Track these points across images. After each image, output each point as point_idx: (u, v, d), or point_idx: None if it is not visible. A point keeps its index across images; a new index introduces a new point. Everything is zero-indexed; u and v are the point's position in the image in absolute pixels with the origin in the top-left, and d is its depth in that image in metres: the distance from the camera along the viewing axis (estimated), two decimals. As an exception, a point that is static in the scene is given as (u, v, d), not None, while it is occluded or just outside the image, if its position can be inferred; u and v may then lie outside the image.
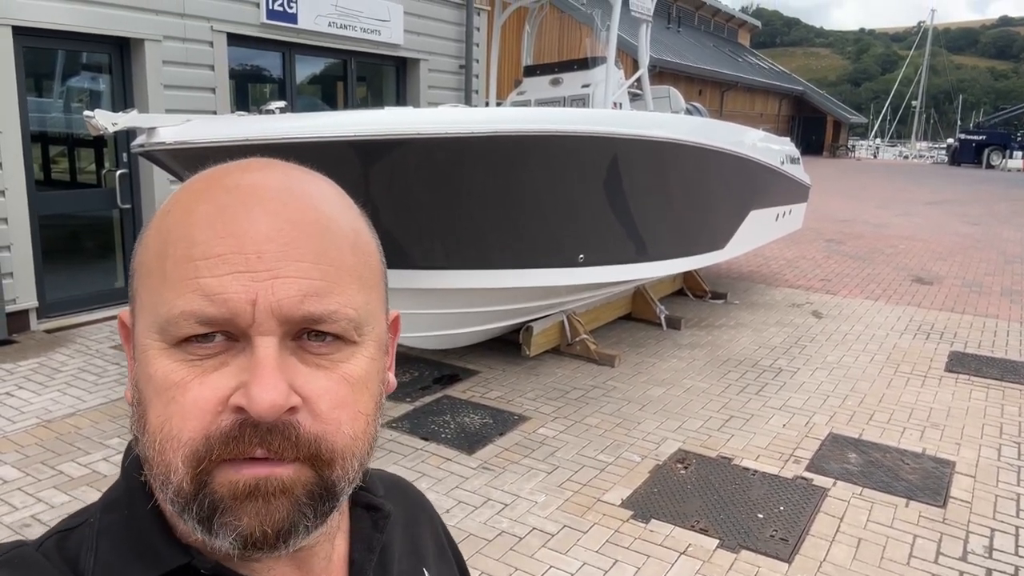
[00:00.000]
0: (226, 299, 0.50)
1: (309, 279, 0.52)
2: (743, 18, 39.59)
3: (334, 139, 3.81)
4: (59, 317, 6.36)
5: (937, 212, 17.39)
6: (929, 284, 9.24)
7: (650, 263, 5.86)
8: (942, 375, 5.85)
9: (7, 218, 5.85)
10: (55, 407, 4.67)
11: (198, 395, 0.51)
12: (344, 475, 0.54)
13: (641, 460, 4.23)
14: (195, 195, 0.55)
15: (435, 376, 5.45)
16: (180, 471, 0.51)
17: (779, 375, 5.74)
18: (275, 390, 0.49)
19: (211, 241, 0.51)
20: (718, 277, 9.12)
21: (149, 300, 0.53)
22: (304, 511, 0.53)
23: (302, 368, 0.52)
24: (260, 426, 0.50)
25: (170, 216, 0.55)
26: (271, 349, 0.51)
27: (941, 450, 4.48)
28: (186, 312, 0.50)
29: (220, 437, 0.50)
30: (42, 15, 5.88)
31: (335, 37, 8.37)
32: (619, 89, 6.32)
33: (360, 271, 0.56)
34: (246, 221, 0.52)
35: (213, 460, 0.51)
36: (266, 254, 0.51)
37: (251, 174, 0.55)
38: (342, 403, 0.53)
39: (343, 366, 0.54)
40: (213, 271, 0.50)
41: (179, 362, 0.51)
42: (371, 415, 0.56)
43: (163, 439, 0.51)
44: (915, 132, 61.57)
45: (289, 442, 0.51)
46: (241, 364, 0.51)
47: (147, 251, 0.55)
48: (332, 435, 0.53)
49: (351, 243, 0.56)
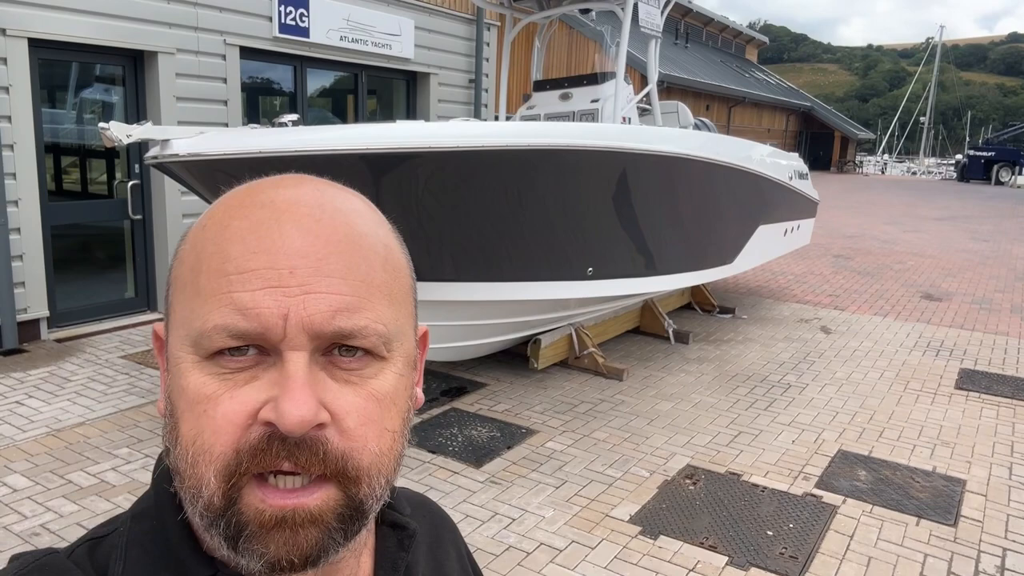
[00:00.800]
0: (258, 313, 0.51)
1: (340, 295, 0.52)
2: (751, 34, 39.70)
3: (346, 152, 3.83)
4: (69, 327, 6.40)
5: (946, 228, 17.33)
6: (938, 301, 9.20)
7: (658, 277, 5.86)
8: (952, 392, 5.81)
9: (19, 228, 5.90)
10: (64, 416, 4.69)
11: (228, 408, 0.51)
12: (371, 493, 0.54)
13: (649, 475, 4.22)
14: (229, 210, 0.55)
15: (443, 388, 5.45)
16: (212, 485, 0.51)
17: (788, 391, 5.72)
18: (304, 405, 0.50)
19: (244, 256, 0.52)
20: (726, 292, 9.10)
21: (183, 313, 0.54)
22: (334, 536, 0.53)
23: (331, 384, 0.53)
24: (288, 440, 0.50)
25: (205, 231, 0.55)
26: (301, 364, 0.51)
27: (952, 468, 4.45)
28: (219, 326, 0.51)
29: (249, 450, 0.51)
30: (58, 27, 5.95)
31: (346, 51, 8.44)
32: (628, 104, 6.34)
33: (390, 287, 0.56)
34: (279, 237, 0.52)
35: (243, 474, 0.51)
36: (298, 269, 0.51)
37: (285, 190, 0.56)
38: (369, 420, 0.54)
39: (372, 382, 0.54)
40: (246, 286, 0.51)
41: (211, 375, 0.52)
42: (398, 432, 0.57)
43: (196, 452, 0.52)
44: (923, 148, 61.51)
45: (317, 457, 0.51)
46: (272, 378, 0.51)
47: (182, 265, 0.56)
48: (359, 452, 0.53)
49: (382, 259, 0.56)
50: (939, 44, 62.85)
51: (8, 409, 4.75)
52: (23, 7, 5.72)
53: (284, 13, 7.65)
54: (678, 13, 28.98)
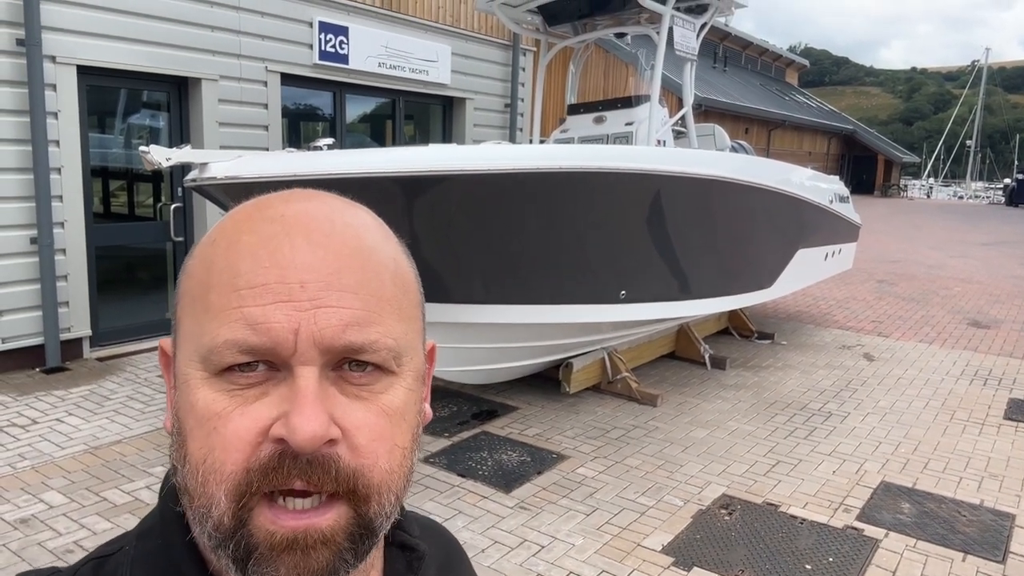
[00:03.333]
0: (269, 328, 0.50)
1: (351, 309, 0.52)
2: (791, 57, 39.37)
3: (379, 175, 3.87)
4: (111, 346, 6.53)
5: (994, 254, 16.85)
6: (986, 328, 8.91)
7: (693, 301, 5.78)
8: (1001, 423, 5.60)
9: (65, 249, 6.07)
10: (103, 434, 4.77)
11: (239, 425, 0.51)
12: (381, 510, 0.54)
13: (683, 504, 4.12)
14: (239, 225, 0.55)
15: (473, 411, 5.42)
16: (222, 505, 0.51)
17: (829, 419, 5.57)
18: (316, 421, 0.49)
19: (255, 271, 0.52)
20: (765, 317, 8.94)
21: (192, 329, 0.54)
22: (345, 556, 0.52)
23: (341, 399, 0.52)
24: (300, 458, 0.50)
25: (215, 246, 0.55)
26: (312, 379, 0.51)
27: (1000, 502, 4.27)
28: (229, 341, 0.51)
29: (260, 469, 0.50)
30: (106, 55, 6.15)
31: (384, 77, 8.57)
32: (663, 127, 6.31)
33: (399, 301, 0.56)
34: (289, 251, 0.52)
35: (254, 493, 0.50)
36: (309, 284, 0.51)
37: (294, 204, 0.56)
38: (380, 436, 0.53)
39: (382, 397, 0.54)
40: (257, 300, 0.51)
41: (220, 392, 0.51)
42: (407, 448, 0.56)
43: (206, 471, 0.51)
44: (970, 172, 60.13)
45: (329, 476, 0.51)
46: (282, 394, 0.51)
47: (191, 280, 0.56)
48: (369, 470, 0.52)
49: (391, 273, 0.56)
50: (985, 66, 61.68)
51: (48, 426, 4.85)
52: (72, 35, 5.93)
53: (324, 40, 7.81)
54: (717, 37, 28.92)
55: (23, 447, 4.52)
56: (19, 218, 5.82)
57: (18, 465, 4.28)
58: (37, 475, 4.17)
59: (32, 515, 3.72)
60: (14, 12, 5.59)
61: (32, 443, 4.59)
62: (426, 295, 0.63)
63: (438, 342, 0.64)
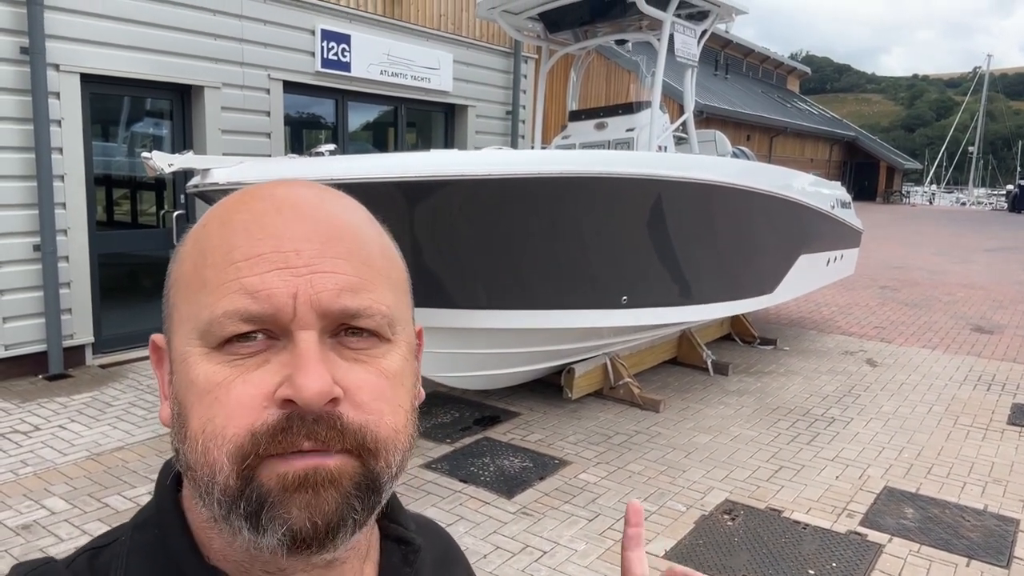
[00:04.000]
0: (269, 294, 0.51)
1: (345, 274, 0.53)
2: (792, 64, 39.44)
3: (380, 180, 3.88)
4: (113, 353, 6.54)
5: (997, 260, 16.83)
6: (989, 333, 8.89)
7: (695, 306, 5.77)
8: (1004, 428, 5.58)
9: (68, 256, 6.08)
10: (105, 440, 4.77)
11: (242, 392, 0.51)
12: (388, 468, 0.54)
13: (686, 510, 4.11)
14: (230, 208, 0.57)
15: (476, 417, 5.41)
16: (226, 468, 0.51)
17: (832, 425, 5.55)
18: (321, 379, 0.50)
19: (250, 243, 0.53)
20: (767, 323, 8.93)
21: (188, 309, 0.54)
22: (352, 503, 0.53)
23: (341, 363, 0.53)
24: (307, 418, 0.50)
25: (207, 228, 0.56)
26: (313, 342, 0.52)
27: (1004, 507, 4.25)
28: (229, 311, 0.51)
29: (267, 432, 0.50)
30: (109, 63, 6.18)
31: (386, 84, 8.60)
32: (664, 133, 6.32)
33: (389, 272, 0.58)
34: (282, 223, 0.54)
35: (260, 455, 0.51)
36: (303, 251, 0.53)
37: (281, 187, 0.58)
38: (382, 395, 0.54)
39: (380, 361, 0.55)
40: (254, 269, 0.52)
41: (221, 364, 0.52)
42: (409, 411, 0.57)
43: (206, 439, 0.51)
44: (972, 178, 60.10)
45: (336, 431, 0.51)
46: (283, 360, 0.51)
47: (184, 264, 0.56)
48: (375, 425, 0.53)
49: (379, 247, 0.58)
50: (987, 73, 61.73)
51: (51, 433, 4.85)
52: (76, 44, 5.96)
53: (326, 48, 7.84)
54: (718, 44, 28.98)
55: (25, 453, 4.53)
56: (22, 225, 5.84)
57: (20, 471, 4.29)
58: (39, 481, 4.17)
59: (34, 521, 3.72)
60: (18, 20, 5.62)
61: (34, 449, 4.59)
62: (428, 300, 0.65)
63: (441, 348, 0.67)
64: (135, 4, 6.26)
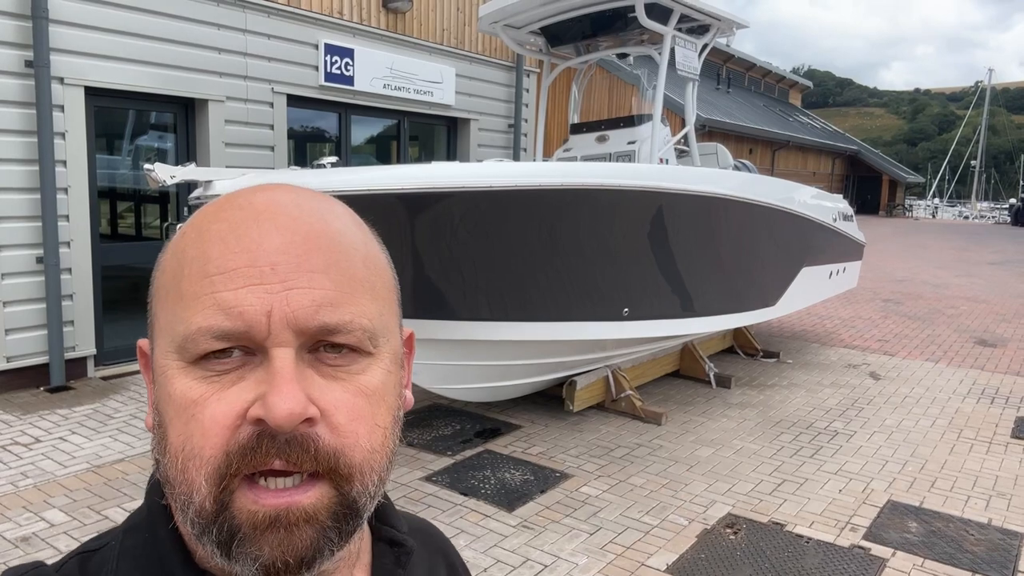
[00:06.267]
0: (241, 312, 0.50)
1: (323, 289, 0.52)
2: (794, 78, 39.56)
3: (382, 192, 3.88)
4: (115, 365, 6.54)
5: (1000, 272, 16.80)
6: (993, 347, 8.86)
7: (697, 318, 5.76)
8: (1008, 441, 5.55)
9: (71, 268, 6.10)
10: (105, 452, 4.76)
11: (216, 411, 0.51)
12: (364, 490, 0.54)
13: (688, 523, 4.08)
14: (208, 216, 0.56)
15: (477, 430, 5.40)
16: (203, 490, 0.50)
17: (835, 438, 5.52)
18: (293, 399, 0.49)
19: (225, 256, 0.52)
20: (770, 335, 8.91)
21: (166, 321, 0.54)
22: (329, 535, 0.52)
23: (318, 380, 0.52)
24: (278, 438, 0.50)
25: (185, 237, 0.56)
26: (288, 359, 0.51)
27: (1008, 521, 4.22)
28: (203, 328, 0.51)
29: (239, 450, 0.50)
30: (113, 77, 6.22)
31: (389, 98, 8.65)
32: (665, 145, 6.34)
33: (372, 282, 0.56)
34: (258, 235, 0.52)
35: (234, 475, 0.50)
36: (279, 266, 0.51)
37: (262, 193, 0.57)
38: (359, 415, 0.53)
39: (359, 378, 0.54)
40: (228, 285, 0.51)
41: (197, 380, 0.51)
42: (388, 428, 0.56)
43: (185, 458, 0.51)
44: (975, 192, 60.13)
45: (308, 455, 0.50)
46: (258, 377, 0.51)
47: (164, 274, 0.56)
48: (350, 449, 0.52)
49: (362, 256, 0.56)
50: (988, 87, 61.88)
51: (52, 445, 4.84)
52: (80, 57, 6.00)
53: (330, 62, 7.89)
54: (720, 59, 29.11)
55: (26, 466, 4.52)
56: (26, 237, 5.86)
57: (20, 483, 4.28)
58: (39, 493, 4.16)
59: (33, 533, 3.71)
60: (23, 34, 5.67)
61: (35, 462, 4.58)
62: (429, 312, 0.64)
63: (441, 360, 0.66)
64: (140, 18, 6.32)
